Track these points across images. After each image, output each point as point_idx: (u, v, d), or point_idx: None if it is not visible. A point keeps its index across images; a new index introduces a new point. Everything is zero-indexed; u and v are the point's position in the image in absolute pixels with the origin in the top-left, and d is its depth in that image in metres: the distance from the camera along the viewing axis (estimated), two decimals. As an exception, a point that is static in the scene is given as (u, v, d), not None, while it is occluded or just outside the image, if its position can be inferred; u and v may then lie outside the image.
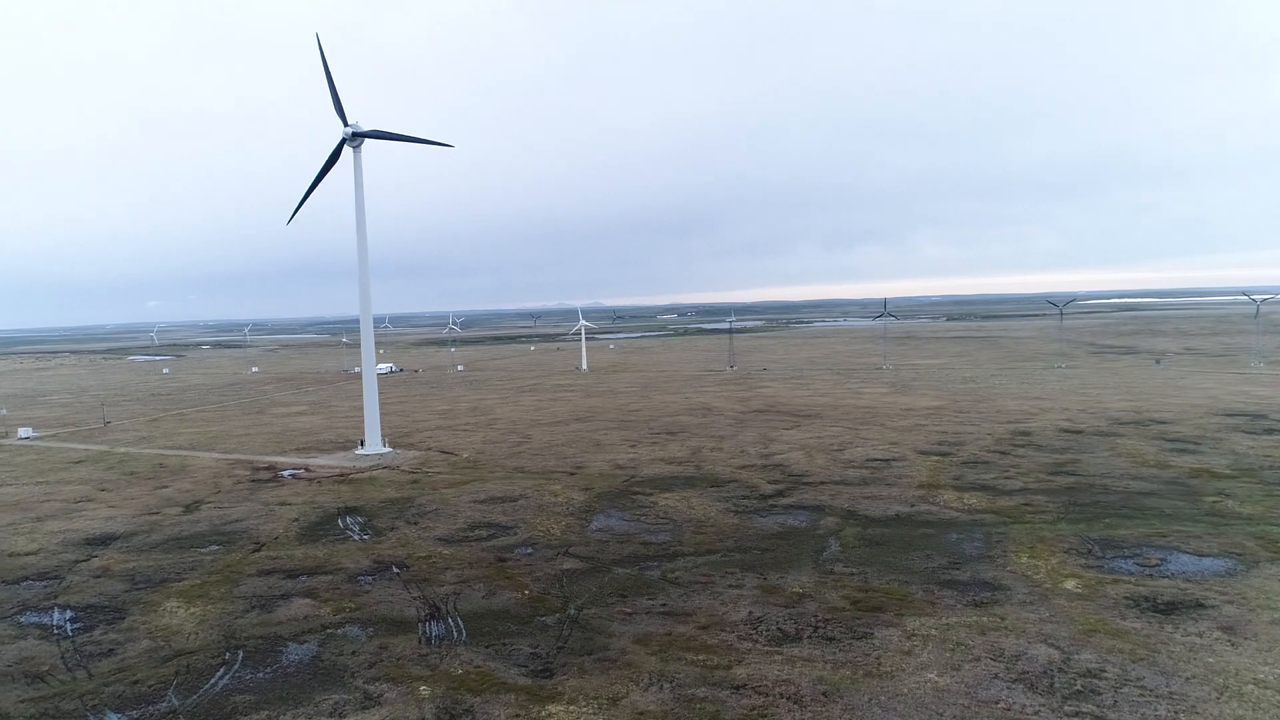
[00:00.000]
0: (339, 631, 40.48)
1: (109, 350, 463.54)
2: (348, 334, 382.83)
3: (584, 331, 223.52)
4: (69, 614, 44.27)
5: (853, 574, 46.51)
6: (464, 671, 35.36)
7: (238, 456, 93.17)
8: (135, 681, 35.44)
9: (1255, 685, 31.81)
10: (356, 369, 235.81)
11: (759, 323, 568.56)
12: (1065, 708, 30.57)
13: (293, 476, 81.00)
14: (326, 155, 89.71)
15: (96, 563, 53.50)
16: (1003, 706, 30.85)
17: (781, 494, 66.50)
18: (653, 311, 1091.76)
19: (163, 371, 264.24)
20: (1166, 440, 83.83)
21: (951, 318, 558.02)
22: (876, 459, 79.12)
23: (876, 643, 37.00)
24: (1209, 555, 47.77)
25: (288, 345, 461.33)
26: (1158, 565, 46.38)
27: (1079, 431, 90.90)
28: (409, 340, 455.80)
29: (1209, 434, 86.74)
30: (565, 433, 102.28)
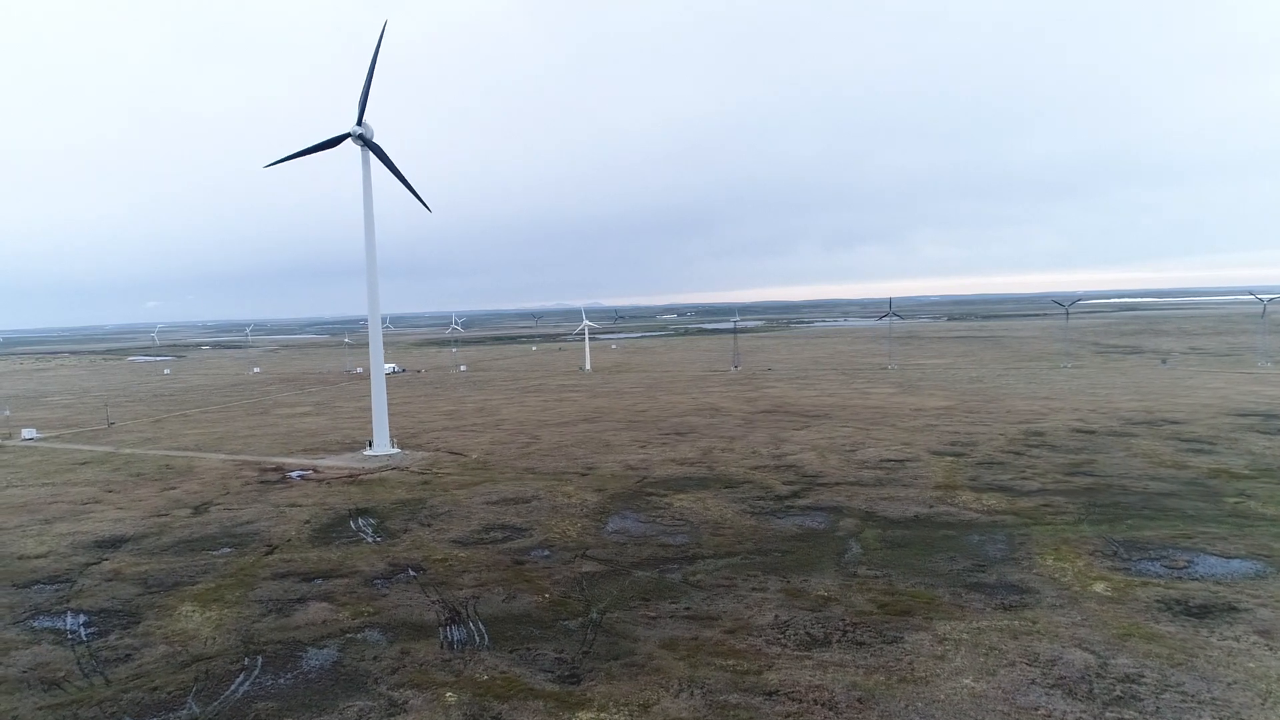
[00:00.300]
0: (359, 636, 39.82)
1: (109, 351, 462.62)
2: (349, 334, 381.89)
3: (588, 332, 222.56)
4: (82, 618, 43.59)
5: (877, 577, 45.90)
6: (489, 677, 34.72)
7: (244, 458, 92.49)
8: (154, 688, 34.77)
9: (1299, 691, 31.24)
10: (359, 369, 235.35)
11: (760, 323, 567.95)
12: (1107, 715, 29.95)
13: (301, 478, 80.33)
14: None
15: (108, 566, 52.84)
16: (1043, 713, 30.23)
17: (797, 495, 65.89)
18: (652, 311, 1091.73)
19: (164, 372, 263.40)
20: (1181, 440, 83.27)
21: (952, 317, 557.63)
22: (890, 460, 78.53)
23: (907, 647, 36.39)
24: (1236, 557, 47.17)
25: (288, 346, 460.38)
26: (1186, 567, 45.78)
27: (1092, 432, 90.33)
28: (410, 340, 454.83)
29: (1223, 434, 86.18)
30: (574, 433, 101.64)
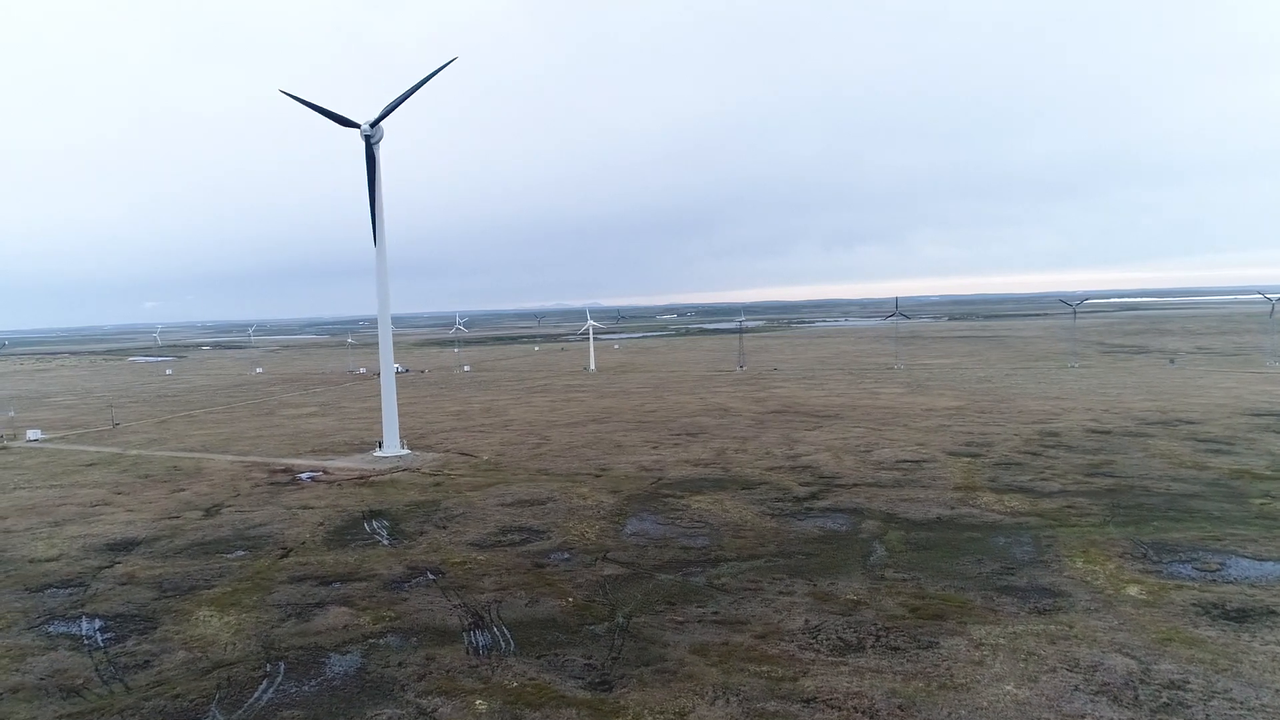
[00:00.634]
0: (381, 641, 39.08)
1: (109, 351, 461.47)
2: (351, 334, 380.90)
3: (592, 332, 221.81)
4: (98, 623, 42.83)
5: (905, 580, 45.18)
6: (519, 684, 33.98)
7: (253, 459, 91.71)
8: (176, 695, 34.02)
9: (1351, 698, 30.54)
10: (362, 369, 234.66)
11: (761, 323, 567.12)
12: (1156, 722, 29.29)
13: (311, 479, 79.55)
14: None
15: (121, 569, 52.07)
16: (1090, 721, 29.55)
17: (815, 496, 65.17)
18: (652, 312, 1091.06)
19: (165, 372, 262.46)
20: (1198, 441, 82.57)
21: (954, 317, 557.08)
22: (906, 460, 77.81)
23: (944, 652, 35.67)
24: (1270, 559, 46.49)
25: (288, 346, 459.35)
26: (1218, 570, 45.08)
27: (1107, 432, 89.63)
28: (411, 340, 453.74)
29: (1240, 434, 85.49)
30: (584, 434, 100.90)
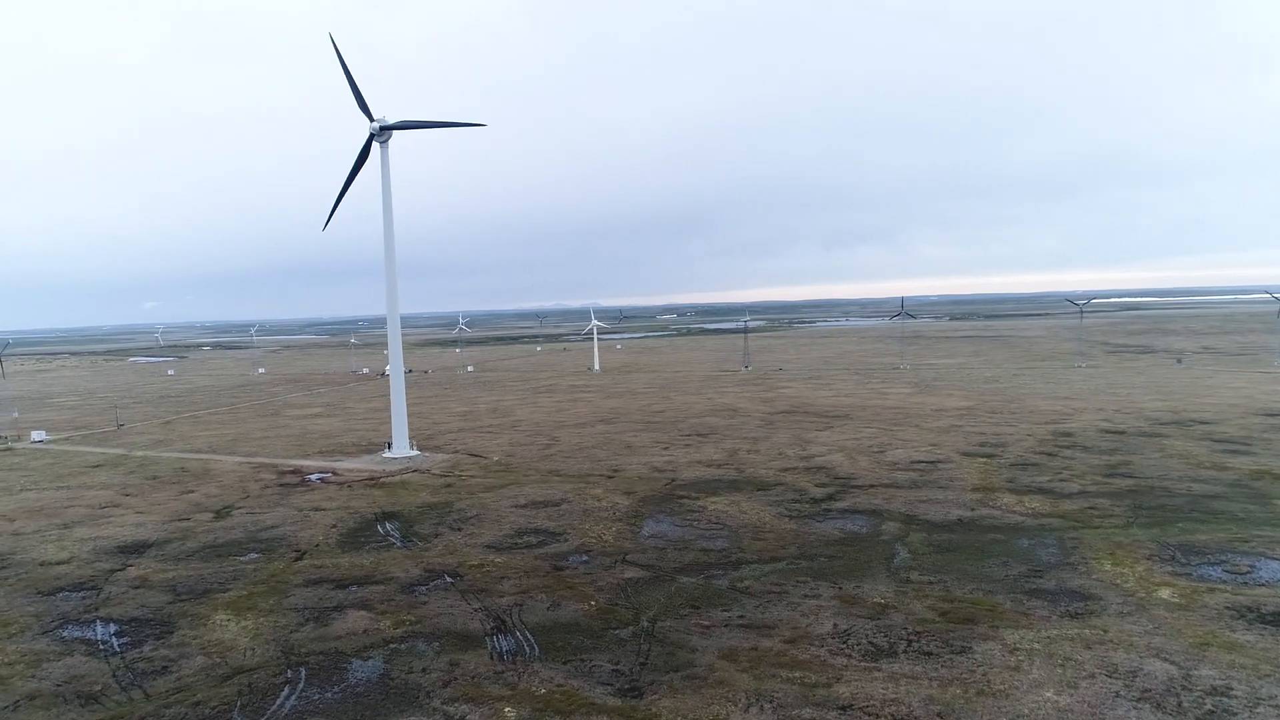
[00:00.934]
0: (403, 647, 38.41)
1: (109, 351, 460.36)
2: (354, 334, 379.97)
3: (596, 332, 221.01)
4: (113, 628, 42.17)
5: (931, 583, 44.52)
6: (547, 691, 33.31)
7: (260, 460, 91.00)
8: (196, 702, 33.36)
9: (1400, 705, 29.89)
10: (365, 370, 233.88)
11: (761, 322, 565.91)
12: (1203, 730, 28.64)
13: (321, 480, 78.86)
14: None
15: (133, 572, 51.39)
16: (1135, 729, 28.90)
17: (832, 498, 64.51)
18: (652, 311, 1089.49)
19: (168, 373, 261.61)
20: (1214, 441, 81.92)
21: (955, 317, 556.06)
22: (921, 461, 77.15)
23: (978, 657, 35.02)
24: (1300, 562, 45.86)
25: (289, 346, 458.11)
26: (1249, 573, 44.45)
27: (1121, 432, 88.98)
28: (413, 340, 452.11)
29: (1256, 435, 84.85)
30: (593, 434, 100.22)
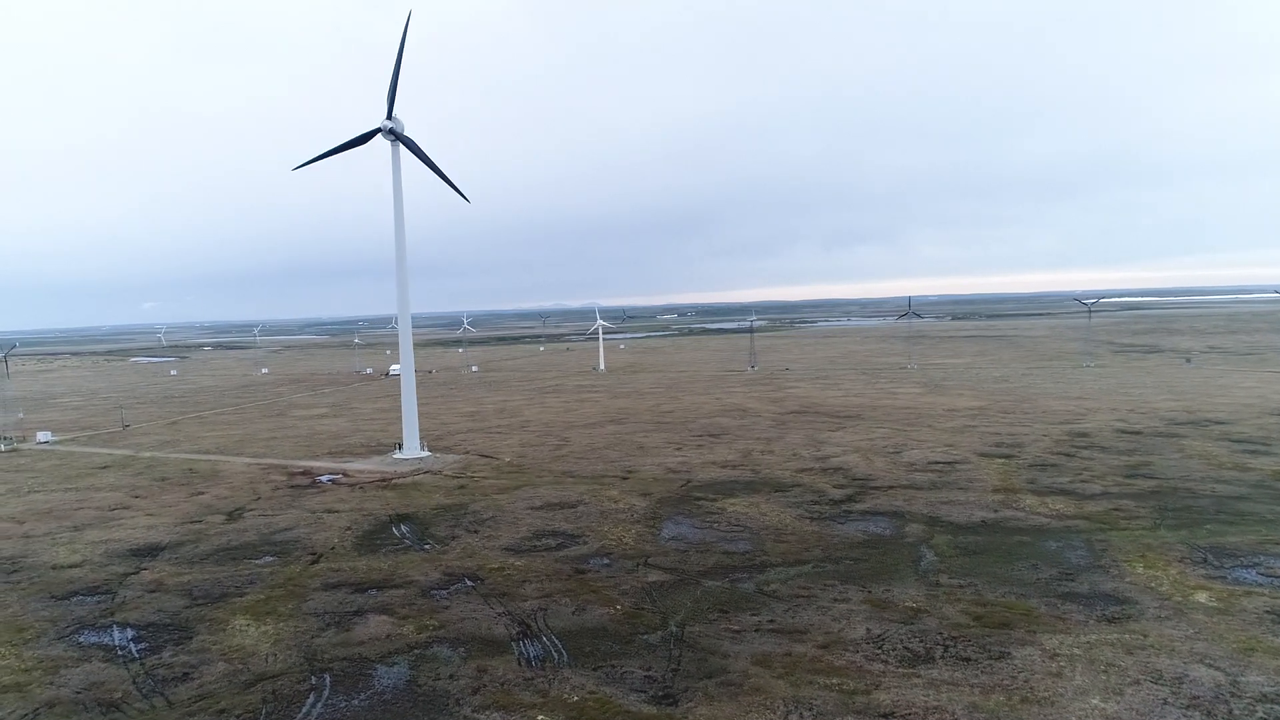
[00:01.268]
0: (428, 652, 37.66)
1: (110, 352, 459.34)
2: (358, 335, 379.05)
3: (601, 332, 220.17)
4: (130, 633, 41.41)
5: (962, 586, 43.78)
6: (579, 698, 32.56)
7: (269, 461, 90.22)
8: (220, 710, 32.61)
9: None
10: (369, 370, 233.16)
11: (763, 323, 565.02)
12: (1258, 739, 27.90)
13: (331, 482, 78.08)
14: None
15: (147, 576, 50.63)
16: (1188, 738, 28.17)
17: (852, 499, 63.76)
18: (652, 311, 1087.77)
19: (170, 373, 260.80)
20: (1233, 441, 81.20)
21: (957, 317, 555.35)
22: (938, 462, 76.41)
23: (1018, 663, 34.28)
24: (1335, 565, 45.12)
25: (290, 346, 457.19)
26: (1285, 576, 43.71)
27: (1138, 432, 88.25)
28: (415, 340, 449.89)
29: (1274, 435, 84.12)
30: (603, 435, 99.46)
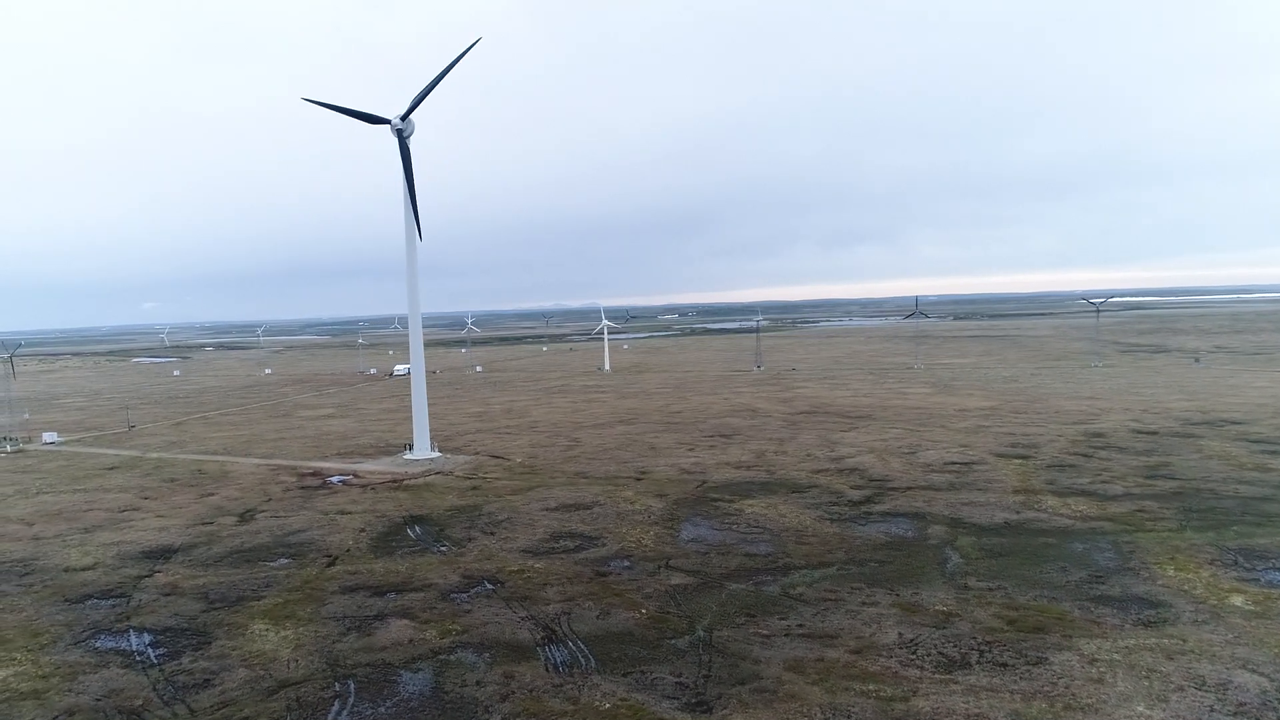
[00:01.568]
0: (452, 658, 36.99)
1: (111, 352, 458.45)
2: (362, 335, 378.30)
3: (606, 332, 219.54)
4: (147, 637, 40.73)
5: (991, 589, 43.12)
6: (611, 706, 31.89)
7: (278, 462, 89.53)
8: (245, 718, 31.93)
9: None
10: (373, 370, 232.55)
11: (765, 323, 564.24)
12: (1312, 748, 27.22)
13: (342, 483, 77.41)
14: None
15: (162, 578, 49.96)
16: (1240, 747, 27.49)
17: (870, 500, 63.11)
18: (653, 311, 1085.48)
19: (174, 374, 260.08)
20: (1251, 442, 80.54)
21: (959, 317, 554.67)
22: (955, 462, 75.75)
23: (1057, 669, 33.61)
24: (1370, 567, 44.47)
25: (292, 346, 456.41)
26: (1319, 579, 43.06)
27: (1154, 433, 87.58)
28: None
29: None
30: (614, 435, 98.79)
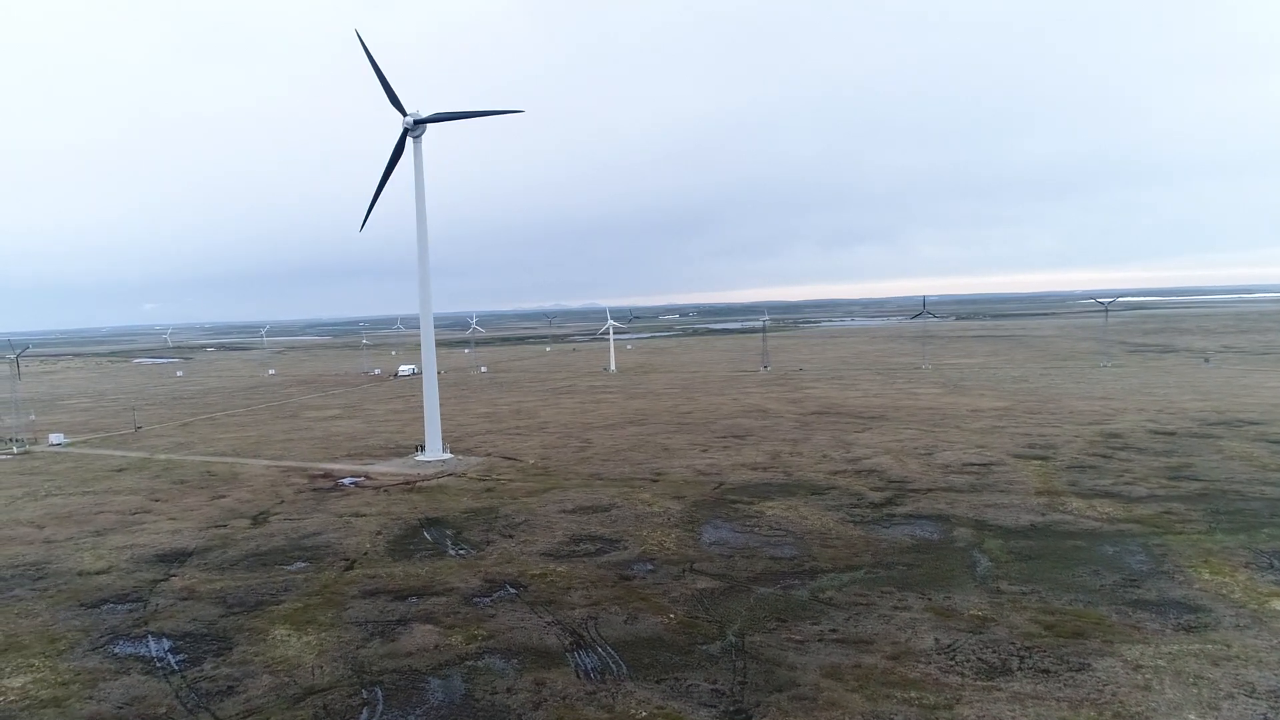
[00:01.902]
0: (480, 664, 36.23)
1: (112, 353, 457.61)
2: (365, 335, 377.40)
3: (612, 332, 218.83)
4: (167, 643, 39.98)
5: (1024, 593, 42.37)
6: (647, 714, 31.15)
7: (288, 463, 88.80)
8: (272, 727, 31.19)
9: None
10: (377, 370, 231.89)
11: (766, 322, 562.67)
12: (1374, 758, 26.48)
13: (355, 485, 76.70)
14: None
15: (178, 583, 49.22)
16: (1299, 757, 26.75)
17: (892, 502, 62.37)
18: (653, 312, 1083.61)
19: (177, 374, 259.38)
20: (1270, 442, 79.82)
21: (961, 317, 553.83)
22: (973, 463, 75.02)
23: (1101, 675, 32.87)
24: None
25: (294, 347, 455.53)
26: (1358, 582, 42.30)
27: (1171, 433, 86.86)
28: (419, 341, 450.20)
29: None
30: (625, 436, 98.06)
